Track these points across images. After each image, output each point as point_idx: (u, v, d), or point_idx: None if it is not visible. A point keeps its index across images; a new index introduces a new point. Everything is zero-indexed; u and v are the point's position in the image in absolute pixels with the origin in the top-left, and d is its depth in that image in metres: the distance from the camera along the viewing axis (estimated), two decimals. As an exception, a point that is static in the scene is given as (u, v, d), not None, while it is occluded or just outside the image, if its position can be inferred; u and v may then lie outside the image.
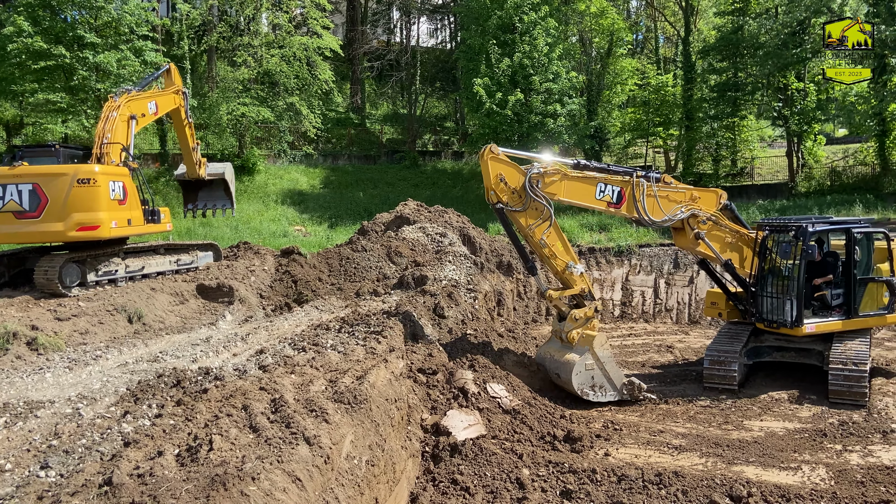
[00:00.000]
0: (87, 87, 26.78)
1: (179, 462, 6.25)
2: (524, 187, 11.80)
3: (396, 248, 18.60)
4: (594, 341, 12.24)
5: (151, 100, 17.40)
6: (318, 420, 7.39)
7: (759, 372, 14.04)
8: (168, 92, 18.70)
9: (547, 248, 12.12)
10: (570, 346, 12.44)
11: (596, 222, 27.50)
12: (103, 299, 13.75)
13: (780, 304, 12.89)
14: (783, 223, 13.36)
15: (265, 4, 37.43)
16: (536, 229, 11.99)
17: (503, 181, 11.77)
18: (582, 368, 12.21)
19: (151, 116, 17.70)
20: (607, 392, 12.43)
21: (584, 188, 12.33)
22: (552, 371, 12.85)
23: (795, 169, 37.03)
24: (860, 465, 9.60)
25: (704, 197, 13.28)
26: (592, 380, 12.33)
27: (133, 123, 16.14)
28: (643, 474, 9.35)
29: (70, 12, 27.82)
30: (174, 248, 17.50)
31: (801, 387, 13.05)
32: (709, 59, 39.52)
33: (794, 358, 13.48)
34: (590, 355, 12.24)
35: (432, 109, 55.41)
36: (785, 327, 12.83)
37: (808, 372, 13.39)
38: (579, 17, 40.23)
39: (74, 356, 11.14)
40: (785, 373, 13.84)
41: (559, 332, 12.67)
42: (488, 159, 11.68)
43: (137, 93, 16.85)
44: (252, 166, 37.09)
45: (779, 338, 13.46)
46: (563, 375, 12.41)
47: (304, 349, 10.38)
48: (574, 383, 12.15)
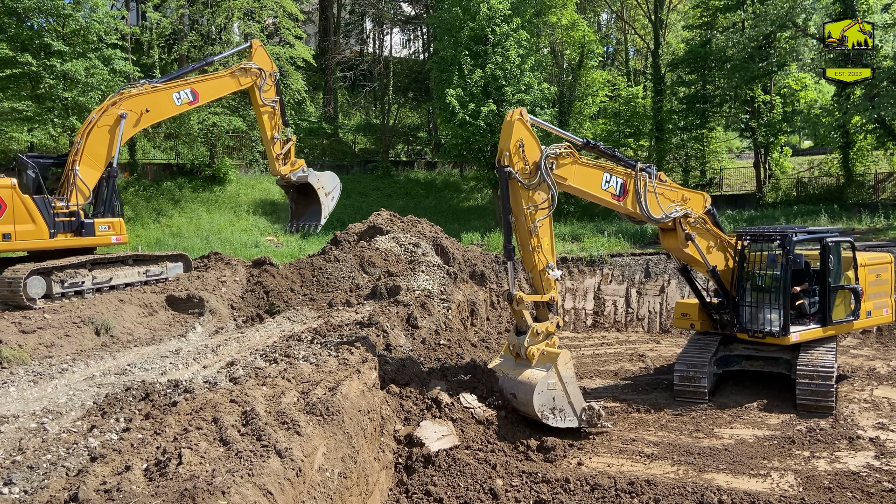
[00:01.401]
0: (53, 96, 26.29)
1: (148, 477, 6.13)
2: (538, 165, 11.07)
3: (369, 259, 18.54)
4: (559, 359, 11.06)
5: (178, 90, 16.70)
6: (289, 432, 7.31)
7: (728, 380, 14.15)
8: (222, 74, 17.97)
9: (535, 237, 11.23)
10: (527, 364, 11.16)
11: (568, 232, 27.72)
12: (70, 311, 13.48)
13: (764, 314, 12.90)
14: (765, 232, 13.40)
15: (237, 14, 37.19)
16: (536, 213, 11.16)
17: (522, 148, 11.02)
18: (544, 388, 10.82)
19: (181, 107, 17.16)
20: (566, 417, 11.05)
21: (592, 175, 11.85)
22: (507, 391, 11.48)
23: (762, 179, 37.76)
24: (827, 471, 9.78)
25: (693, 198, 13.17)
26: (553, 401, 10.94)
27: (122, 123, 15.77)
28: (616, 483, 9.42)
29: (37, 20, 27.33)
30: (143, 259, 17.20)
31: (769, 394, 13.23)
32: (678, 72, 40.24)
33: (763, 367, 13.53)
34: (553, 374, 10.95)
35: (405, 119, 55.48)
36: (772, 336, 12.80)
37: (776, 379, 13.57)
38: (551, 30, 40.64)
39: (40, 369, 10.89)
40: (754, 380, 14.01)
41: (517, 346, 11.27)
42: (515, 120, 10.99)
43: (151, 86, 16.41)
44: (223, 176, 36.72)
45: (748, 347, 13.55)
46: (521, 395, 11.04)
47: (275, 361, 10.28)
48: (535, 404, 10.73)
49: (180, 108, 17.46)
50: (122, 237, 16.54)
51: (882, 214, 26.35)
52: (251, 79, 17.87)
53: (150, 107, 16.43)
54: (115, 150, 15.84)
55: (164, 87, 16.67)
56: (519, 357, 11.31)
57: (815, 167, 39.15)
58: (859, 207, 28.66)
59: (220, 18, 36.56)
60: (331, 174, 19.60)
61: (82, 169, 15.67)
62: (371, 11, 52.75)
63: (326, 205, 19.15)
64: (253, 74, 17.87)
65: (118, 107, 15.90)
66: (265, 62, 18.25)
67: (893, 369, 14.90)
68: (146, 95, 16.40)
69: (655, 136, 41.32)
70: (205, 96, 17.59)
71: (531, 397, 10.74)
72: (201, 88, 17.20)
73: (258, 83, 17.87)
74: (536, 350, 11.14)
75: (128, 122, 16.02)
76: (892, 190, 33.90)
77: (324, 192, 18.93)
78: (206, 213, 33.25)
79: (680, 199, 12.90)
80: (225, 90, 18.25)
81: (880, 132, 30.52)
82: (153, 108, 16.55)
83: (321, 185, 19.04)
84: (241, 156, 38.99)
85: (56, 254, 15.29)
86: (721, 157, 41.09)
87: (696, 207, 13.08)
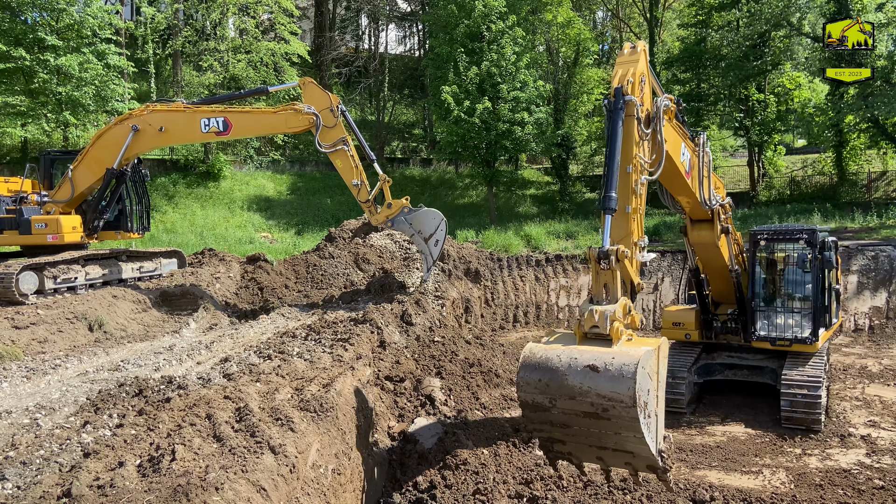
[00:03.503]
0: (47, 91, 26.17)
1: (141, 473, 6.13)
2: (649, 115, 8.63)
3: (364, 255, 18.54)
4: (661, 344, 7.03)
5: (208, 115, 14.89)
6: (283, 429, 7.32)
7: (711, 389, 13.41)
8: (268, 111, 15.89)
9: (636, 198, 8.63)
10: (605, 342, 6.84)
11: (563, 229, 27.77)
12: (63, 307, 13.44)
13: (786, 319, 12.13)
14: (786, 231, 12.30)
15: (232, 9, 37.08)
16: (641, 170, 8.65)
17: (642, 86, 8.46)
18: (646, 367, 6.47)
19: (207, 136, 15.32)
20: (651, 429, 6.61)
21: (675, 139, 9.60)
22: (570, 378, 6.60)
23: (756, 178, 37.90)
24: (819, 468, 9.85)
25: (721, 187, 11.90)
26: (647, 394, 6.53)
27: (131, 135, 15.10)
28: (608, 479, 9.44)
29: (31, 14, 27.19)
30: (137, 256, 17.18)
31: (755, 406, 12.52)
32: (673, 70, 40.32)
33: (747, 376, 12.58)
34: (654, 358, 6.72)
35: (401, 116, 55.44)
36: (801, 343, 11.80)
37: (761, 390, 12.84)
38: (546, 27, 40.67)
39: (33, 365, 10.85)
40: (737, 390, 13.28)
41: (597, 317, 6.81)
42: (641, 51, 8.47)
43: (184, 105, 15.17)
44: (218, 172, 36.66)
45: (731, 355, 12.77)
46: (607, 375, 6.38)
47: (269, 357, 10.27)
48: (637, 379, 6.24)
49: (205, 137, 15.65)
50: (57, 236, 15.24)
51: (875, 213, 26.48)
52: (304, 124, 15.05)
53: (168, 126, 15.10)
54: (117, 160, 15.29)
55: (194, 110, 15.11)
56: (589, 336, 6.99)
57: (809, 166, 39.32)
58: (852, 206, 28.80)
59: (215, 14, 36.47)
60: (429, 212, 15.85)
61: (79, 169, 15.64)
62: (367, 8, 52.66)
63: (430, 252, 15.80)
64: (306, 120, 14.94)
65: (135, 118, 15.20)
66: (318, 99, 15.15)
67: (885, 367, 15.00)
68: (168, 114, 15.16)
69: (650, 134, 41.37)
70: (239, 131, 15.38)
71: (632, 372, 6.29)
72: (237, 121, 15.05)
73: (313, 130, 15.02)
74: (621, 326, 6.89)
75: (138, 136, 15.11)
76: (885, 189, 34.08)
77: (422, 237, 15.73)
78: (201, 209, 33.19)
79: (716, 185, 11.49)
80: (268, 129, 16.02)
81: (873, 131, 30.68)
82: (170, 129, 15.16)
83: (417, 230, 15.77)
84: (236, 152, 38.92)
85: None
86: (715, 155, 41.20)
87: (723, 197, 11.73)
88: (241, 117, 15.16)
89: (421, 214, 15.80)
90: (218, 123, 14.84)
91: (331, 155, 15.41)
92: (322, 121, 14.94)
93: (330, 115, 14.98)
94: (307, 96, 15.27)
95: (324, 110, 14.94)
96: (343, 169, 15.50)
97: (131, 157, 15.76)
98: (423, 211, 15.89)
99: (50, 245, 15.27)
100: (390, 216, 15.72)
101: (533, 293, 22.76)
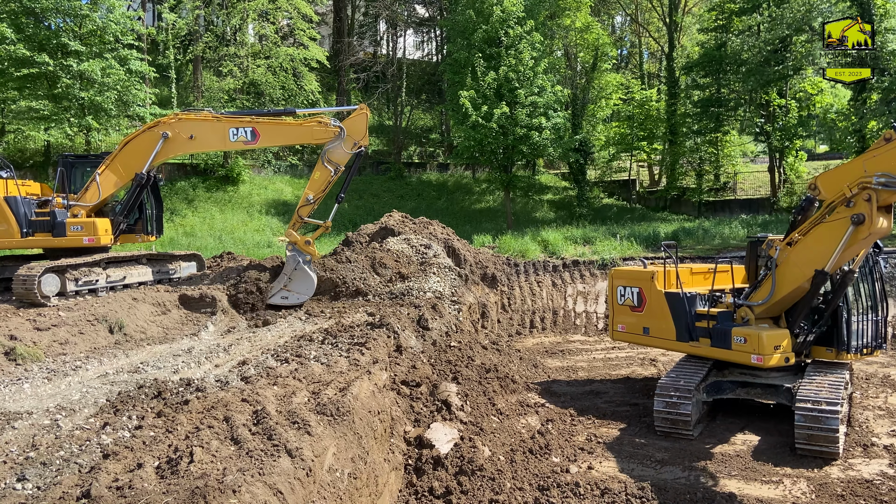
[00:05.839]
0: (70, 96, 26.54)
1: (159, 474, 6.17)
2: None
3: (381, 260, 18.56)
4: None
5: (237, 125, 15.50)
6: (300, 432, 7.33)
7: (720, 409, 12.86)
8: (294, 122, 16.38)
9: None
10: None
11: (580, 235, 27.65)
12: (84, 309, 13.59)
13: (862, 327, 11.71)
14: None
15: (252, 15, 37.42)
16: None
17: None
18: None
19: (235, 144, 15.84)
20: None
21: None
22: None
23: (777, 184, 37.50)
24: (840, 478, 9.68)
25: None
26: None
27: (161, 142, 15.60)
28: (626, 488, 9.37)
29: (54, 20, 27.60)
30: (156, 259, 17.36)
31: (772, 430, 11.79)
32: (692, 75, 40.08)
33: (760, 395, 11.96)
34: None
35: (418, 121, 55.57)
36: (879, 350, 11.91)
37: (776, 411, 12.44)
38: (564, 32, 40.61)
39: (53, 367, 10.98)
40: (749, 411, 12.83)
41: None
42: None
43: (214, 116, 15.75)
44: (237, 177, 36.99)
45: (744, 372, 12.01)
46: None
47: (286, 360, 10.31)
48: None
49: (233, 146, 16.14)
50: (93, 238, 15.58)
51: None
52: (329, 136, 15.61)
53: (197, 135, 15.66)
54: (146, 165, 15.71)
55: (223, 119, 15.75)
56: None
57: (831, 172, 38.82)
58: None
59: (235, 20, 36.81)
60: (308, 280, 16.36)
61: (105, 174, 15.92)
62: (385, 13, 52.87)
63: (278, 287, 16.28)
64: (332, 132, 15.61)
65: (165, 125, 15.68)
66: (357, 130, 15.79)
67: (909, 377, 14.74)
68: (198, 122, 15.72)
69: (669, 139, 41.17)
70: (266, 140, 16.03)
71: None
72: (265, 131, 15.67)
73: (332, 140, 15.67)
74: None
75: (168, 143, 15.62)
76: (909, 195, 33.52)
77: (285, 279, 16.30)
78: (220, 212, 33.47)
79: None
80: (294, 140, 16.36)
81: (897, 137, 30.20)
82: (200, 137, 15.74)
83: (289, 276, 16.31)
84: (255, 156, 39.23)
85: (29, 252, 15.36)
86: (735, 161, 40.84)
87: None
88: (268, 128, 15.76)
89: (304, 275, 16.33)
90: (246, 133, 15.49)
91: (319, 166, 16.04)
92: (342, 141, 15.64)
93: (349, 144, 15.75)
94: (351, 120, 15.88)
95: (347, 136, 15.70)
96: (316, 181, 16.16)
97: (159, 163, 16.20)
98: (308, 275, 16.38)
99: (86, 247, 15.65)
100: (296, 244, 16.41)
101: (550, 299, 22.67)
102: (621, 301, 13.91)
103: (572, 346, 19.08)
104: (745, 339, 11.23)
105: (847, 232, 10.07)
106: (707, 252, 23.68)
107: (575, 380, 15.53)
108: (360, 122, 15.86)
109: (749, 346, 11.13)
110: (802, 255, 10.86)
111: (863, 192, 9.80)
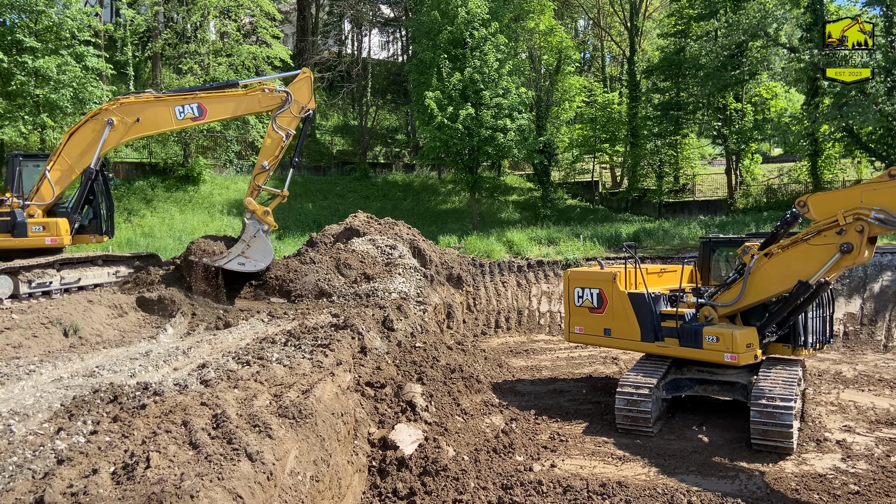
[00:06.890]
0: (24, 93, 25.79)
1: (115, 480, 6.04)
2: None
3: (346, 261, 18.46)
4: None
5: (182, 103, 15.37)
6: (261, 435, 7.25)
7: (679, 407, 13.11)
8: (239, 92, 16.08)
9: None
10: None
11: (545, 235, 27.88)
12: (37, 311, 13.23)
13: (818, 323, 12.19)
14: None
15: (213, 12, 36.84)
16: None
17: None
18: None
19: (183, 122, 15.69)
20: None
21: None
22: None
23: (734, 186, 38.35)
24: (795, 472, 9.95)
25: None
26: None
27: (107, 130, 15.24)
28: (588, 485, 9.49)
29: (9, 16, 26.79)
30: (113, 260, 16.98)
31: (728, 426, 11.97)
32: (653, 79, 40.77)
33: (718, 392, 12.35)
34: None
35: (383, 121, 55.38)
36: (826, 344, 12.41)
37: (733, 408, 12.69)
38: (529, 35, 40.89)
39: (6, 370, 10.66)
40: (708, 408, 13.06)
41: None
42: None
43: (155, 96, 15.46)
44: (197, 176, 36.33)
45: (701, 370, 12.31)
46: None
47: (248, 363, 10.18)
48: None
49: (181, 124, 15.97)
50: (56, 239, 15.33)
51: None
52: (277, 102, 15.91)
53: (143, 117, 15.40)
54: (94, 156, 15.32)
55: (167, 99, 15.48)
56: None
57: (785, 174, 39.87)
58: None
59: (196, 16, 36.20)
60: (267, 248, 16.84)
61: (54, 171, 15.47)
62: (350, 13, 52.59)
63: (235, 253, 16.44)
64: (279, 98, 15.91)
65: (108, 112, 15.31)
66: (303, 94, 16.25)
67: (859, 373, 15.21)
68: (141, 104, 15.40)
69: (630, 141, 41.83)
70: (214, 114, 16.00)
71: None
72: (211, 105, 15.67)
73: (280, 106, 15.93)
74: None
75: (114, 130, 15.28)
76: (860, 197, 34.53)
77: (243, 246, 16.51)
78: (180, 213, 32.87)
79: None
80: (240, 110, 16.33)
81: (848, 141, 31.13)
82: (146, 119, 15.48)
83: (247, 244, 16.57)
84: (216, 156, 38.62)
85: None
86: (694, 163, 41.74)
87: None
88: (214, 101, 15.76)
89: (263, 243, 16.72)
90: (193, 109, 15.50)
91: (270, 132, 16.29)
92: (291, 105, 16.05)
93: (297, 108, 16.17)
94: (295, 85, 16.19)
95: (294, 101, 16.16)
96: (268, 147, 16.33)
97: (107, 151, 15.91)
98: (267, 244, 16.85)
99: (48, 248, 15.31)
100: (256, 214, 16.60)
101: (515, 299, 22.82)
102: (579, 303, 13.73)
103: (536, 346, 19.24)
104: (717, 339, 11.43)
105: (833, 258, 10.31)
106: (667, 252, 24.11)
107: (539, 379, 15.66)
108: (305, 86, 16.29)
109: (722, 344, 11.34)
110: (780, 269, 11.07)
111: (856, 223, 9.97)
